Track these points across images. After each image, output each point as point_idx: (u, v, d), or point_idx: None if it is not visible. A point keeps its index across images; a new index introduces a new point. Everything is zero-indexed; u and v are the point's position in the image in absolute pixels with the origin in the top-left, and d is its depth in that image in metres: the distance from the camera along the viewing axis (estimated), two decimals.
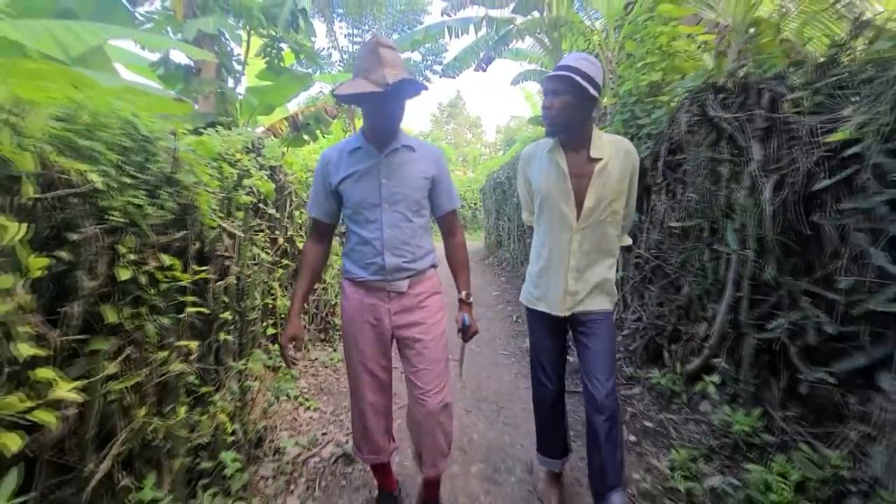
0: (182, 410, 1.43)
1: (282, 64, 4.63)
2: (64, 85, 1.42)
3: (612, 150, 1.59)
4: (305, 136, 6.19)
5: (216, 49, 3.60)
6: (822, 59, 2.06)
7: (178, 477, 1.50)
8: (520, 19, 4.75)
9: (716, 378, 2.31)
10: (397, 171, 1.50)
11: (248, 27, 3.85)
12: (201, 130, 2.31)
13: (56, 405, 1.03)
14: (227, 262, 1.94)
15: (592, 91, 1.47)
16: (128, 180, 1.23)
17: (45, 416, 0.98)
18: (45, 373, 1.00)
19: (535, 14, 4.55)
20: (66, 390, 1.03)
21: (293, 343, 1.57)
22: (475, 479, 2.18)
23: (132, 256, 1.25)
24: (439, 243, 1.70)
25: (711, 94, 2.40)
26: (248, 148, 2.64)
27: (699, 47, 3.88)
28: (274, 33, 4.00)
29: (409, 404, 1.66)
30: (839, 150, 1.81)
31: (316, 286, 3.60)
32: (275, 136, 5.67)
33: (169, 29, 3.89)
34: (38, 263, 0.93)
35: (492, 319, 5.07)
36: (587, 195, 1.59)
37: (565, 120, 1.54)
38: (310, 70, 5.99)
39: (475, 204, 17.10)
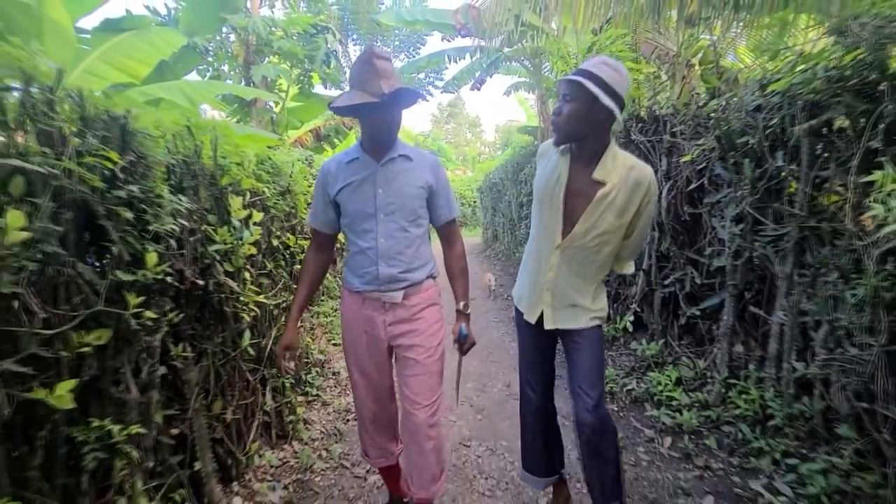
0: None
1: (311, 88, 5.65)
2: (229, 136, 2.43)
3: (622, 178, 1.40)
4: (325, 146, 7.22)
5: (267, 84, 4.63)
6: (701, 103, 3.06)
7: None
8: (507, 49, 5.76)
9: (631, 318, 3.33)
10: (393, 180, 1.48)
11: (291, 66, 4.88)
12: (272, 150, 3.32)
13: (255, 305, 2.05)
14: (305, 240, 2.96)
15: (606, 100, 1.29)
16: (275, 190, 2.25)
17: (255, 308, 2.00)
18: (251, 287, 2.01)
19: (519, 45, 5.56)
20: (260, 297, 2.05)
21: (288, 352, 1.59)
22: (471, 390, 3.20)
23: (277, 232, 2.27)
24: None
25: (634, 123, 3.41)
26: (304, 162, 3.66)
27: (651, 75, 4.86)
28: (308, 67, 5.03)
29: (401, 415, 1.64)
30: (698, 164, 2.82)
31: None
32: (302, 146, 6.69)
33: (225, 63, 4.93)
34: (257, 231, 1.95)
35: (485, 299, 6.07)
36: (579, 220, 1.45)
37: (571, 129, 1.40)
38: (334, 90, 7.00)
39: (474, 202, 18.11)
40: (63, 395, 1.09)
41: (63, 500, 1.24)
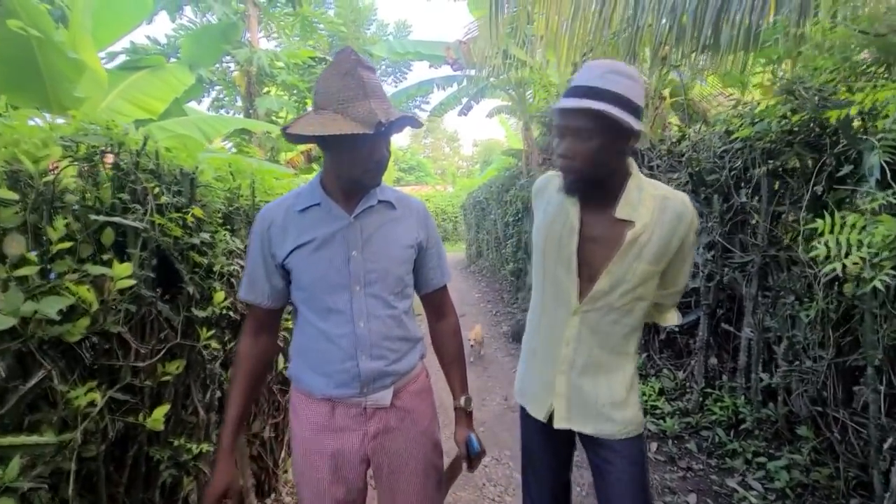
0: None
1: (305, 112, 5.89)
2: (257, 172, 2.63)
3: (656, 213, 1.05)
4: (315, 166, 7.41)
5: (267, 113, 4.83)
6: (675, 139, 3.43)
7: None
8: (493, 79, 6.14)
9: None
10: (374, 238, 1.10)
11: (290, 95, 5.10)
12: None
13: None
14: None
15: (635, 124, 0.96)
16: None
17: (285, 334, 2.19)
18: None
19: (505, 76, 5.93)
20: (289, 323, 2.24)
21: (227, 498, 1.09)
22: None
23: None
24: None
25: None
26: None
27: None
28: (305, 95, 5.27)
29: None
30: None
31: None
32: (293, 167, 6.86)
33: (224, 92, 5.11)
34: None
35: (476, 315, 6.32)
36: (603, 273, 1.08)
37: (595, 173, 1.04)
38: None
39: (456, 217, 18.49)
40: (158, 418, 1.27)
41: None
